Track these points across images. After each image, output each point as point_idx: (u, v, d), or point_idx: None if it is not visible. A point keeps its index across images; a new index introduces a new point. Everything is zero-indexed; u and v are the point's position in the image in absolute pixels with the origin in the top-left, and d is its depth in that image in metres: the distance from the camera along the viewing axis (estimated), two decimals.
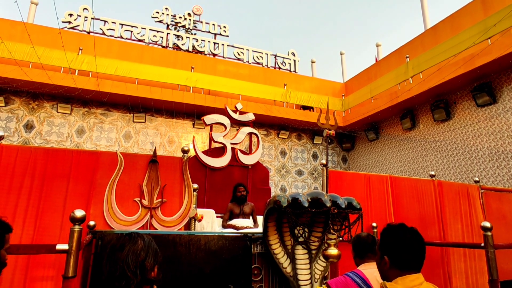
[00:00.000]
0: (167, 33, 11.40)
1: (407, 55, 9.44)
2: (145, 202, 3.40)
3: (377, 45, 13.05)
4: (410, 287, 1.30)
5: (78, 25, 10.16)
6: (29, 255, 2.74)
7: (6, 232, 1.35)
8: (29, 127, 9.07)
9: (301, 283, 3.00)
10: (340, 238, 2.81)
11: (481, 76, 7.85)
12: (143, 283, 1.18)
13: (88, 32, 10.18)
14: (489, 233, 2.94)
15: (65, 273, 1.96)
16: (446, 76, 7.87)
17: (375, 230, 4.04)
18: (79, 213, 2.05)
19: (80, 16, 10.24)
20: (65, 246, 2.00)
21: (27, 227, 2.87)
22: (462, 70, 7.57)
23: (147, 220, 3.38)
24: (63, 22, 9.96)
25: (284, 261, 3.06)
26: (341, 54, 14.20)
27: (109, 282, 1.16)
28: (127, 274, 1.15)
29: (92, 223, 2.74)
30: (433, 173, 4.93)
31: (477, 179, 5.27)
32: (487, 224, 2.96)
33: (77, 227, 2.04)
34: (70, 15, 10.12)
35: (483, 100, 7.82)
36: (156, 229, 3.32)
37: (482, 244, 2.96)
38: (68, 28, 10.02)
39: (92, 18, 10.30)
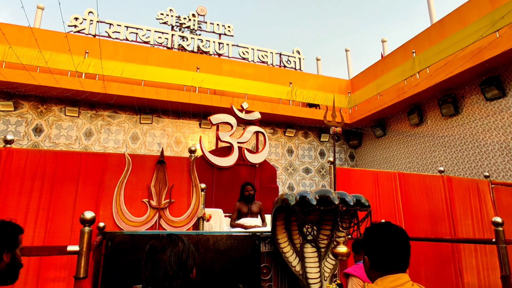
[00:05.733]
0: (172, 35, 11.44)
1: (413, 50, 9.34)
2: (154, 203, 3.42)
3: (383, 41, 12.95)
4: (388, 287, 1.22)
5: (84, 29, 10.25)
6: (41, 257, 2.78)
7: (19, 233, 1.38)
8: (38, 130, 9.18)
9: (310, 281, 2.99)
10: (349, 236, 2.80)
11: (490, 70, 7.74)
12: (184, 284, 1.20)
13: (94, 35, 10.26)
14: (501, 228, 2.90)
15: (77, 274, 1.98)
16: (454, 71, 7.78)
17: None
18: (88, 214, 2.07)
19: (85, 19, 10.33)
20: (75, 248, 2.02)
21: (38, 229, 2.91)
22: (470, 64, 7.47)
23: (156, 220, 3.40)
24: (69, 26, 10.05)
25: (293, 259, 3.05)
26: (346, 51, 14.12)
27: (152, 284, 1.19)
28: (169, 275, 1.17)
29: (101, 224, 2.76)
30: (442, 168, 4.88)
31: (487, 174, 5.20)
32: (498, 219, 2.92)
33: (87, 229, 2.06)
34: (76, 18, 10.21)
35: (492, 93, 7.72)
36: (164, 229, 3.34)
37: (494, 240, 2.92)
38: (74, 32, 10.11)
39: (97, 22, 10.38)
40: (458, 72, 7.75)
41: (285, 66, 12.62)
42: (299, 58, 12.91)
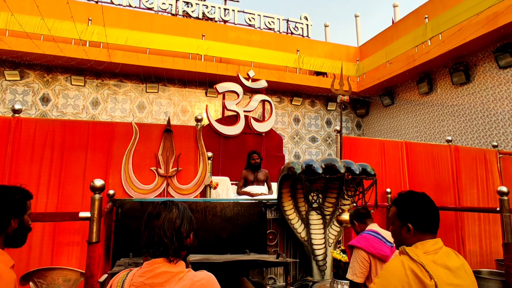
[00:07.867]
0: (176, 0, 11.11)
1: (426, 16, 9.00)
2: (161, 171, 3.47)
3: (394, 6, 12.46)
4: (430, 251, 1.30)
5: None
6: (55, 222, 2.88)
7: (27, 199, 1.40)
8: (45, 100, 9.21)
9: (315, 247, 3.08)
10: (354, 204, 2.85)
11: (505, 36, 7.46)
12: (179, 249, 1.24)
13: (96, 2, 10.01)
14: (505, 198, 2.92)
15: (89, 239, 2.06)
16: (467, 37, 7.51)
17: (389, 196, 4.06)
18: (98, 182, 2.12)
19: None
20: (87, 214, 2.09)
21: (51, 196, 3.00)
22: (485, 30, 7.20)
23: (164, 188, 3.47)
24: None
25: (298, 226, 3.12)
26: (356, 16, 13.64)
27: (148, 248, 1.23)
28: (164, 241, 1.21)
29: (111, 192, 2.83)
30: (449, 138, 4.85)
31: (495, 143, 5.15)
32: (504, 189, 2.93)
33: (97, 196, 2.11)
34: None
35: (506, 61, 7.48)
36: (172, 197, 3.42)
37: (498, 209, 2.94)
38: None
39: None
40: (472, 39, 7.48)
41: (292, 33, 12.28)
42: (307, 25, 12.52)
